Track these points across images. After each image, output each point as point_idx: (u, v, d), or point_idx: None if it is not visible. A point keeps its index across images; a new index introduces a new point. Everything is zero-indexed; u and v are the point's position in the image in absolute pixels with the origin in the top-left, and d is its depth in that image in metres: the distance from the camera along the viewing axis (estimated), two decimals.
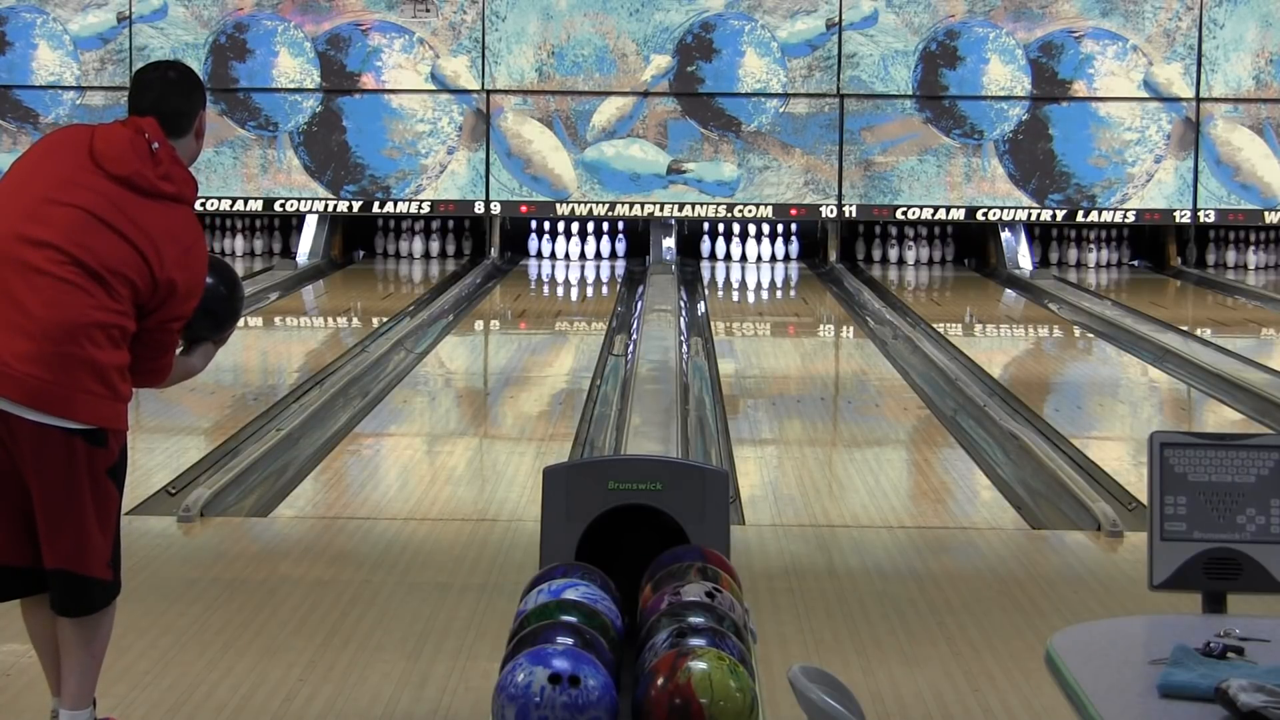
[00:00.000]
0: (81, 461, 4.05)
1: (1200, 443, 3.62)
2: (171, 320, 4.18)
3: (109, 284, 4.03)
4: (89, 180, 4.09)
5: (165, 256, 4.10)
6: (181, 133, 4.23)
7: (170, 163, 4.18)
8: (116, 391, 4.07)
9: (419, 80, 16.57)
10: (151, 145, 4.14)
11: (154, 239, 4.09)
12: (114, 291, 4.04)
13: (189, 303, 4.20)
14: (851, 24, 16.55)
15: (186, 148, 4.25)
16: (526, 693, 3.18)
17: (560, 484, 4.19)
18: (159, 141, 4.16)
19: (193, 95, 4.28)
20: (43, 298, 3.99)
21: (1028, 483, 7.90)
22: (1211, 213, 16.64)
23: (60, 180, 4.09)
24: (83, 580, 4.10)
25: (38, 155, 4.21)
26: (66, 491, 4.04)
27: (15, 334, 3.98)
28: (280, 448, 8.29)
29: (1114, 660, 3.07)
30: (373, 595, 5.89)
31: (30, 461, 4.02)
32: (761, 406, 9.86)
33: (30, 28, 16.74)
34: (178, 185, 4.19)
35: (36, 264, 4.00)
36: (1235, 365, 10.76)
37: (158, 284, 4.10)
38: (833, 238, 17.05)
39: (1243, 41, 16.56)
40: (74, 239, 4.02)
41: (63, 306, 3.99)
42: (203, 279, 4.25)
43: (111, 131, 4.16)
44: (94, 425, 4.05)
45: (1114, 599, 5.93)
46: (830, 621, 5.66)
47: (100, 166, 4.11)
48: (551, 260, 17.05)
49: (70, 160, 4.13)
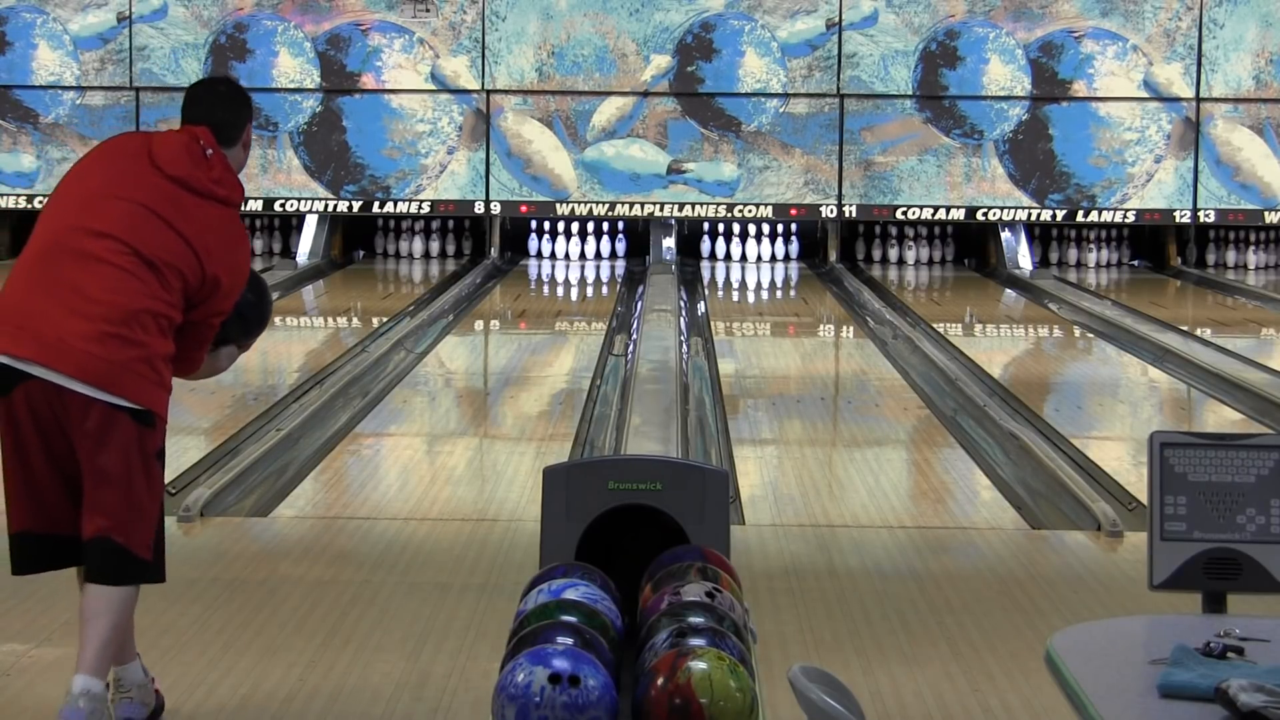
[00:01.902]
0: (132, 438, 4.30)
1: (1200, 443, 3.62)
2: (213, 315, 4.47)
3: (162, 274, 4.32)
4: (147, 179, 4.39)
5: (213, 253, 4.40)
6: (230, 143, 4.55)
7: (221, 168, 4.49)
8: (162, 378, 4.36)
9: (419, 80, 16.58)
10: (205, 151, 4.47)
11: (204, 236, 4.39)
12: (166, 282, 4.33)
13: (229, 299, 4.49)
14: (851, 24, 16.55)
15: (235, 157, 4.57)
16: (526, 693, 3.18)
17: (560, 484, 4.18)
18: (212, 148, 4.48)
19: (240, 109, 4.61)
20: (101, 284, 4.26)
21: (1028, 483, 7.90)
22: (1211, 213, 16.65)
23: (120, 178, 4.40)
24: (123, 550, 4.30)
25: (96, 156, 4.52)
26: (116, 463, 4.27)
27: (74, 316, 4.24)
28: (280, 448, 8.29)
29: (1114, 660, 3.07)
30: (373, 595, 5.90)
31: (82, 434, 4.25)
32: (761, 406, 9.86)
33: (30, 28, 16.74)
34: (227, 189, 4.50)
35: (96, 253, 4.29)
36: (1235, 365, 10.76)
37: (205, 278, 4.39)
38: (833, 238, 17.05)
39: (1243, 41, 16.57)
40: (132, 231, 4.32)
41: (120, 292, 4.27)
42: (244, 278, 4.54)
43: (168, 137, 4.48)
44: (143, 406, 4.30)
45: (1114, 599, 5.93)
46: (830, 621, 5.67)
47: (158, 167, 4.41)
48: (551, 260, 17.05)
49: (129, 161, 4.44)
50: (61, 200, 4.44)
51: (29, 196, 16.72)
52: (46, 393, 4.25)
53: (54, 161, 16.67)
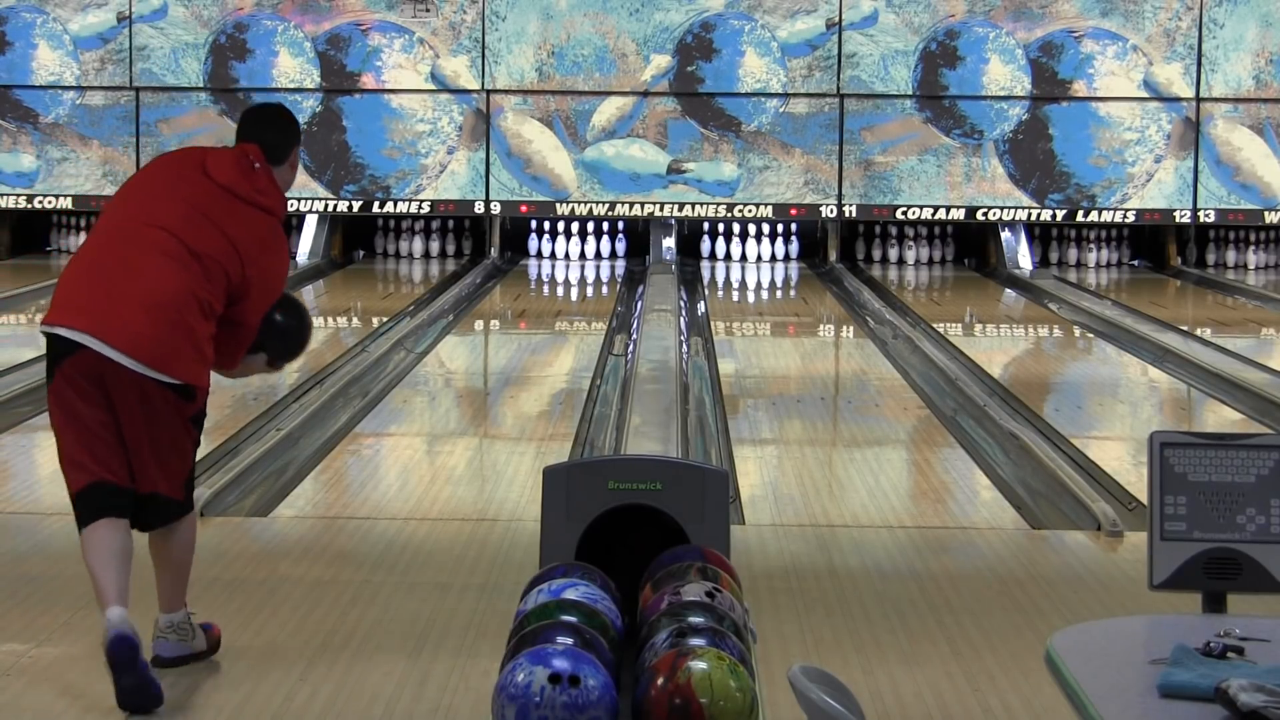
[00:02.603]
0: (173, 409, 4.86)
1: (1200, 443, 3.62)
2: (250, 312, 5.01)
3: (208, 267, 4.87)
4: (200, 185, 4.98)
5: (253, 254, 4.96)
6: (278, 161, 5.11)
7: (267, 181, 5.05)
8: (204, 355, 4.92)
9: (419, 80, 16.58)
10: (253, 164, 5.03)
11: (246, 238, 4.96)
12: (210, 274, 4.88)
13: (266, 300, 5.05)
14: (851, 24, 16.55)
15: (282, 175, 5.13)
16: (526, 692, 3.18)
17: (560, 484, 4.19)
18: (260, 163, 5.05)
19: (288, 132, 5.19)
20: (154, 270, 4.83)
21: (1028, 483, 7.90)
22: (1211, 212, 16.64)
23: (176, 182, 5.00)
24: (165, 500, 4.93)
25: (158, 165, 5.14)
26: (158, 431, 4.85)
27: (132, 300, 4.80)
28: (280, 448, 8.30)
29: (1114, 660, 3.07)
30: (373, 595, 5.89)
31: (128, 404, 4.80)
32: (761, 406, 9.86)
33: (30, 28, 16.74)
34: (270, 199, 5.05)
35: (151, 243, 4.87)
36: (1235, 365, 10.76)
37: (245, 277, 4.94)
38: (833, 237, 17.05)
39: (1243, 41, 16.56)
40: (184, 227, 4.89)
41: (170, 278, 4.83)
42: (280, 282, 5.11)
43: (222, 151, 5.09)
44: (184, 381, 4.85)
45: (1114, 599, 5.92)
46: (830, 621, 5.66)
47: (209, 176, 4.99)
48: (551, 260, 17.05)
49: (186, 169, 5.04)
50: (123, 198, 5.03)
51: (29, 196, 16.72)
52: (99, 363, 4.77)
53: (54, 161, 16.67)
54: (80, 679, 4.96)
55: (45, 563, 6.25)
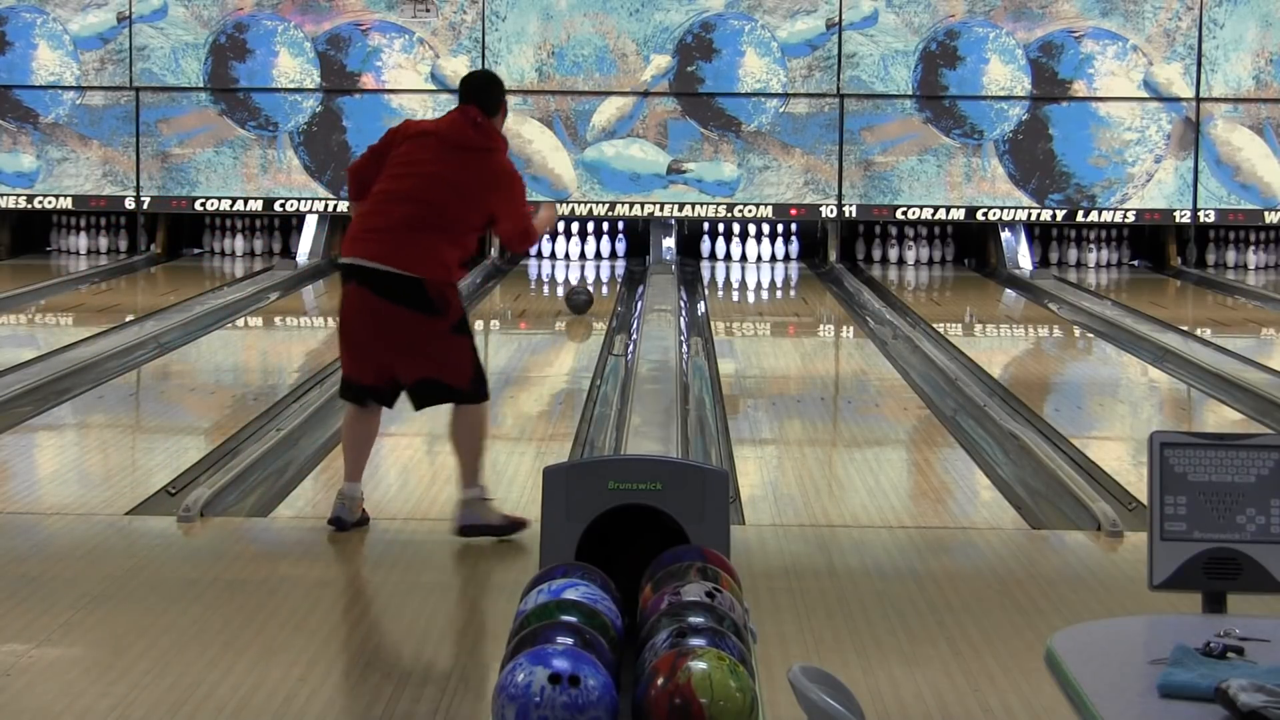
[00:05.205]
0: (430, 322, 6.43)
1: (1200, 443, 3.62)
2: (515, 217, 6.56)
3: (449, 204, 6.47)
4: (435, 149, 6.56)
5: (488, 188, 6.51)
6: (492, 113, 6.68)
7: (489, 129, 6.62)
8: (452, 272, 6.52)
9: (419, 80, 16.58)
10: (475, 120, 6.61)
11: (480, 178, 6.52)
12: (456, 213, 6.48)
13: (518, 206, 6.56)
14: (851, 24, 16.56)
15: (497, 121, 6.68)
16: (526, 693, 3.18)
17: (560, 484, 4.19)
18: (480, 118, 6.62)
19: (492, 89, 6.76)
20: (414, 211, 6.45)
21: (1028, 483, 7.90)
22: (1211, 213, 16.65)
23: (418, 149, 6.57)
24: (444, 386, 6.51)
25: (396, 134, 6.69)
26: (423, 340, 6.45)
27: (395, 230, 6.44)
28: (280, 448, 8.30)
29: (1114, 660, 3.07)
30: (373, 595, 5.90)
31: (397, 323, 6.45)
32: (761, 406, 9.86)
33: (30, 28, 16.74)
34: (493, 142, 6.61)
35: (405, 191, 6.49)
36: (1235, 365, 10.76)
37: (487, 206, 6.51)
38: (833, 238, 17.05)
39: (1243, 41, 16.57)
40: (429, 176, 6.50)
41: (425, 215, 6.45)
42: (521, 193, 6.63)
43: (450, 115, 6.71)
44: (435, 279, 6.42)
45: (1114, 599, 5.93)
46: (830, 621, 5.67)
47: (442, 137, 6.59)
48: (551, 260, 17.05)
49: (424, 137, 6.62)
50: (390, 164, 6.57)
51: (29, 196, 16.72)
52: (382, 281, 6.41)
53: (54, 161, 16.68)
54: (80, 679, 4.96)
55: (45, 563, 6.25)
